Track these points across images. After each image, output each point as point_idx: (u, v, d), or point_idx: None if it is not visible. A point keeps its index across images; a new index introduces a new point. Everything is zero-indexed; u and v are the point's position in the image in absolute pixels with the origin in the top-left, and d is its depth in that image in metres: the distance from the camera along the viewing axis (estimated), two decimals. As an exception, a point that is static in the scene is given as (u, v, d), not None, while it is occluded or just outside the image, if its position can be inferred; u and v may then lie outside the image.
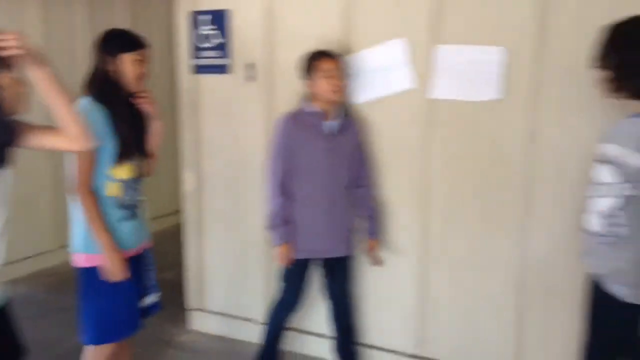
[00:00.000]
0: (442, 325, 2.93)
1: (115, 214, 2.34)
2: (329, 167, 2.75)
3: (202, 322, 3.56)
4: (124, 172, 2.34)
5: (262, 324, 3.19)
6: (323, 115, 2.74)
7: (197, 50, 3.31)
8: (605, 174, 1.90)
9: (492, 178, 2.72)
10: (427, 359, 2.98)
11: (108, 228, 2.29)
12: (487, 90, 2.66)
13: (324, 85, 2.70)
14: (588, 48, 2.12)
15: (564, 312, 2.62)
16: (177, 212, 5.72)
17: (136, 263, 2.46)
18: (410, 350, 3.02)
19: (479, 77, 2.67)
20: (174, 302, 3.74)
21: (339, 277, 2.91)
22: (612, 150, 1.89)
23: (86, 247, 2.31)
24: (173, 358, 3.26)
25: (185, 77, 3.37)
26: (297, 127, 2.73)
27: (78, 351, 2.42)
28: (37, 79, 1.75)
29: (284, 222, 2.72)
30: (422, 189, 2.87)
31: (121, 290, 2.36)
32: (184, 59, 3.35)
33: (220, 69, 3.26)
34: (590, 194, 1.97)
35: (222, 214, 3.41)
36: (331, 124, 2.75)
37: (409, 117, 2.84)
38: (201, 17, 3.26)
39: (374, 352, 3.10)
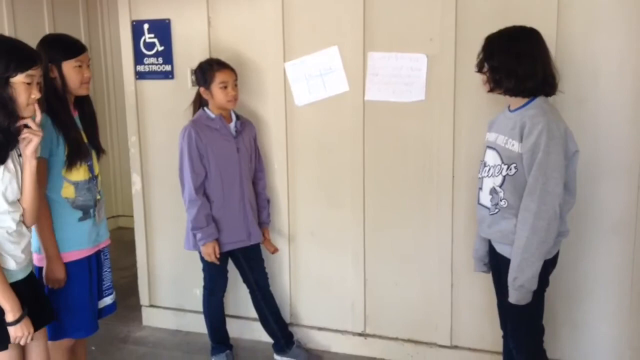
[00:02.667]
0: (384, 304, 3.25)
1: (71, 214, 2.43)
2: (239, 164, 3.03)
3: (155, 318, 3.72)
4: (79, 174, 2.41)
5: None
6: (224, 119, 3.01)
7: (140, 57, 3.45)
8: (490, 157, 2.34)
9: (421, 171, 3.05)
10: (375, 336, 3.30)
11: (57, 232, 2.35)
12: (413, 92, 2.98)
13: (220, 95, 2.95)
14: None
15: (487, 285, 2.99)
16: (114, 217, 5.78)
17: (95, 263, 2.57)
18: (358, 329, 3.32)
19: (406, 81, 2.99)
20: (121, 303, 3.87)
21: (256, 263, 3.19)
22: (493, 137, 2.35)
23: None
24: (131, 353, 3.41)
25: (129, 82, 3.50)
26: (204, 132, 2.96)
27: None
28: (26, 167, 2.00)
29: (208, 222, 2.95)
30: (358, 183, 3.16)
31: (79, 291, 2.46)
32: (128, 65, 3.48)
33: (164, 75, 3.41)
34: (481, 174, 2.41)
35: (167, 212, 3.56)
36: (234, 124, 3.03)
37: (345, 117, 3.13)
38: (142, 27, 3.40)
39: (323, 334, 3.38)
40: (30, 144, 1.99)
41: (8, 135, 1.92)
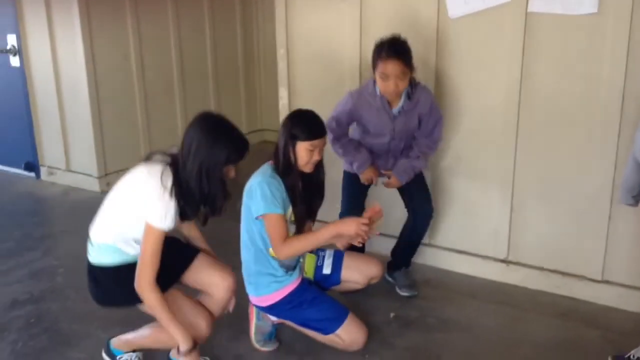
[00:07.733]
0: (530, 232, 3.11)
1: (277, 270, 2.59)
2: (394, 138, 2.92)
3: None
4: None
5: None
6: (387, 101, 2.82)
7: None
8: None
9: (586, 92, 2.79)
10: (518, 263, 3.18)
11: None
12: (584, 4, 2.67)
13: (379, 84, 2.76)
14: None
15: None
16: (259, 130, 6.05)
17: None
18: (501, 256, 3.22)
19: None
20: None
21: (417, 191, 3.06)
22: None
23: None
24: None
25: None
26: (363, 108, 2.86)
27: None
28: None
29: (357, 151, 2.94)
30: (513, 105, 2.96)
31: (313, 299, 2.63)
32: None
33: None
34: None
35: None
36: (400, 106, 2.84)
37: (505, 31, 2.90)
38: None
39: (465, 257, 3.31)
40: None
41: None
